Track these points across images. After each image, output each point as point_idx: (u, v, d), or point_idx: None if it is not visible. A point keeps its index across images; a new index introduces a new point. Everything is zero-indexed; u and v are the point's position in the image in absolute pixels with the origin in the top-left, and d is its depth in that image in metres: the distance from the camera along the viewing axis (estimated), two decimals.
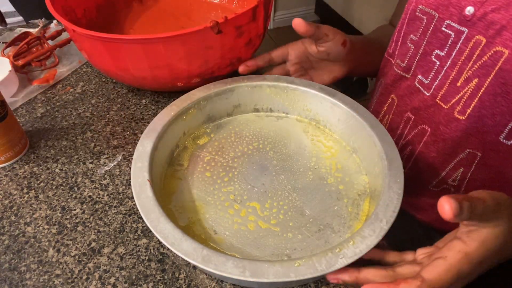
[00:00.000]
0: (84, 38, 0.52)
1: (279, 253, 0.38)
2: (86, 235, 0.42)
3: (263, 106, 0.53)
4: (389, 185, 0.37)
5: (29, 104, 0.60)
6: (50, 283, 0.38)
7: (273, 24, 2.34)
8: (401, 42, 0.50)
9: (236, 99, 0.51)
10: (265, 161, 0.47)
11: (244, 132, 0.51)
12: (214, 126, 0.52)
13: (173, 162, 0.47)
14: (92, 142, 0.53)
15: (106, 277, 0.39)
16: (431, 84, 0.46)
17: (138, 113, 0.58)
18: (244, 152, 0.48)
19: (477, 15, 0.39)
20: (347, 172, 0.45)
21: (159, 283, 0.38)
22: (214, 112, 0.51)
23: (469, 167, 0.47)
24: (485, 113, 0.41)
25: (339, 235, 0.39)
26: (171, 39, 0.48)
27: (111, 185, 0.47)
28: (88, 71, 0.67)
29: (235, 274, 0.31)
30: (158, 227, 0.34)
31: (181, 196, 0.43)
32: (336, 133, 0.50)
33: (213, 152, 0.48)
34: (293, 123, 0.52)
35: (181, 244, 0.33)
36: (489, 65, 0.39)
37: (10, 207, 0.45)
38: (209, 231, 0.40)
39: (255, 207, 0.42)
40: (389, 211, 0.35)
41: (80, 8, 0.66)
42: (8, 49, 0.69)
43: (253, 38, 0.57)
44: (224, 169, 0.46)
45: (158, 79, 0.54)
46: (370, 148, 0.43)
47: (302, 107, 0.51)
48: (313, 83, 0.50)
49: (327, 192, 0.43)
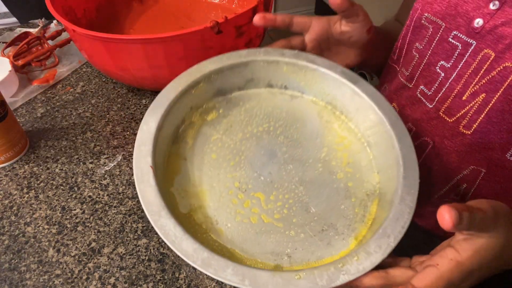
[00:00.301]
0: (84, 38, 0.52)
1: (279, 251, 0.37)
2: (86, 235, 0.42)
3: (278, 82, 0.48)
4: (402, 196, 0.35)
5: (29, 104, 0.60)
6: (50, 283, 0.38)
7: None
8: (406, 50, 0.49)
9: (250, 73, 0.47)
10: (274, 146, 0.44)
11: (255, 110, 0.47)
12: (224, 100, 0.47)
13: (178, 139, 0.44)
14: (92, 142, 0.53)
15: (106, 277, 0.39)
16: (434, 96, 0.45)
17: (138, 113, 0.58)
18: (253, 134, 0.45)
19: (486, 28, 0.37)
20: (358, 168, 0.42)
21: (159, 283, 0.38)
22: (224, 85, 0.47)
23: (473, 183, 0.46)
24: (492, 129, 0.40)
25: (342, 238, 0.38)
26: (171, 39, 0.48)
27: (111, 185, 0.47)
28: (88, 71, 0.67)
29: (234, 282, 0.30)
30: (159, 222, 0.33)
31: (184, 179, 0.41)
32: (352, 122, 0.46)
33: (220, 131, 0.45)
34: (307, 105, 0.48)
35: (182, 244, 0.32)
36: (498, 81, 0.37)
37: (10, 207, 0.45)
38: (210, 220, 0.38)
39: (259, 198, 0.40)
40: (398, 227, 0.33)
41: (80, 8, 0.66)
42: (8, 49, 0.69)
43: (253, 38, 0.57)
44: (231, 151, 0.43)
45: (158, 79, 0.55)
46: (387, 147, 0.40)
47: (319, 89, 0.47)
48: (335, 65, 0.45)
49: (335, 188, 0.41)
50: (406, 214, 0.34)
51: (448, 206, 0.27)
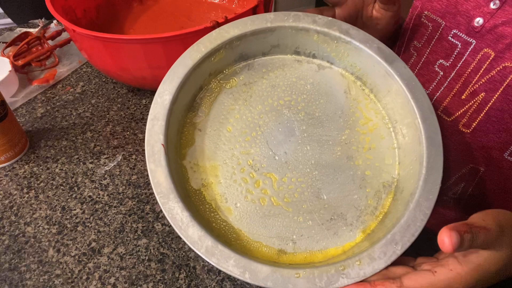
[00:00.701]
0: (84, 38, 0.52)
1: (285, 236, 0.36)
2: (86, 235, 0.42)
3: (306, 50, 0.45)
4: (419, 201, 0.33)
5: (29, 104, 0.60)
6: (50, 283, 0.38)
7: None
8: (404, 48, 0.49)
9: (276, 39, 0.44)
10: (293, 124, 0.41)
11: (278, 81, 0.44)
12: (246, 66, 0.44)
13: (194, 107, 0.42)
14: (92, 142, 0.53)
15: (106, 277, 0.39)
16: (432, 95, 0.45)
17: (138, 113, 0.58)
18: (273, 108, 0.42)
19: (486, 27, 0.37)
20: (379, 156, 0.40)
21: (159, 283, 0.38)
22: (247, 50, 0.44)
23: (471, 182, 0.46)
24: (491, 128, 0.40)
25: (350, 229, 0.37)
26: (171, 39, 0.48)
27: (111, 185, 0.47)
28: (88, 71, 0.67)
29: (235, 274, 0.31)
30: (168, 205, 0.33)
31: (198, 152, 0.39)
32: (381, 103, 0.42)
33: (239, 101, 0.42)
34: (335, 77, 0.44)
35: (188, 230, 0.32)
36: (497, 81, 0.37)
37: (10, 207, 0.45)
38: (220, 198, 0.37)
39: (271, 179, 0.39)
40: (408, 234, 0.32)
41: (80, 8, 0.66)
42: (8, 49, 0.69)
43: None
44: (248, 125, 0.41)
45: (158, 79, 0.54)
46: (413, 141, 0.38)
47: (350, 62, 0.43)
48: (372, 38, 0.41)
49: (351, 176, 0.39)
50: (419, 222, 0.32)
51: (448, 229, 0.26)
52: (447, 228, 0.26)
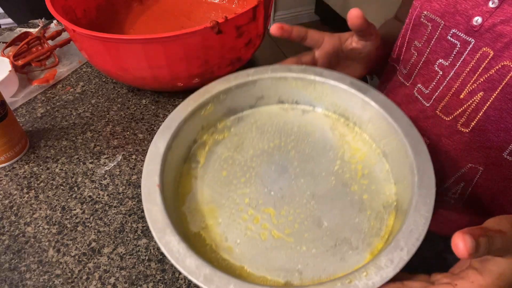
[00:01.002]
0: (84, 38, 0.52)
1: (290, 267, 0.35)
2: (86, 235, 0.42)
3: (289, 98, 0.48)
4: (417, 206, 0.33)
5: (29, 104, 0.60)
6: (50, 283, 0.38)
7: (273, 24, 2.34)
8: (406, 49, 0.49)
9: (260, 91, 0.47)
10: (285, 162, 0.43)
11: (266, 127, 0.47)
12: (235, 119, 0.48)
13: (189, 158, 0.44)
14: (92, 142, 0.53)
15: (106, 277, 0.39)
16: (431, 95, 0.45)
17: (138, 113, 0.58)
18: (264, 150, 0.44)
19: (485, 26, 0.37)
20: (374, 180, 0.41)
21: (159, 283, 0.38)
22: (235, 104, 0.47)
23: (471, 181, 0.46)
24: (490, 128, 0.40)
25: (357, 253, 0.36)
26: (171, 39, 0.48)
27: (111, 185, 0.47)
28: (88, 71, 0.67)
29: None
30: (164, 239, 0.33)
31: (196, 197, 0.41)
32: (366, 133, 0.45)
33: (231, 149, 0.45)
34: (319, 118, 0.47)
35: (185, 260, 0.31)
36: (496, 80, 0.37)
37: (10, 207, 0.45)
38: (220, 238, 0.38)
39: (269, 214, 0.39)
40: (412, 239, 0.31)
41: (80, 8, 0.66)
42: (8, 49, 0.69)
43: (253, 38, 0.57)
44: (241, 168, 0.43)
45: (158, 79, 0.55)
46: (401, 156, 0.39)
47: (330, 101, 0.47)
48: (344, 76, 0.45)
49: (349, 201, 0.39)
50: (421, 225, 0.32)
51: (462, 233, 0.25)
52: (461, 232, 0.25)
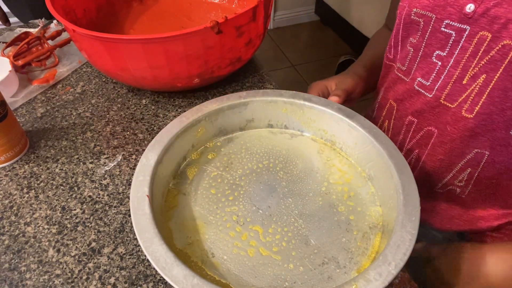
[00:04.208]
0: (84, 38, 0.52)
1: (277, 285, 0.35)
2: (86, 235, 0.42)
3: (278, 122, 0.50)
4: (403, 223, 0.34)
5: (29, 104, 0.60)
6: (50, 283, 0.38)
7: (273, 24, 2.34)
8: (401, 47, 0.50)
9: (250, 114, 0.49)
10: (273, 182, 0.44)
11: (256, 149, 0.48)
12: (225, 140, 0.49)
13: (178, 175, 0.45)
14: (92, 142, 0.53)
15: (106, 277, 0.39)
16: (433, 85, 0.45)
17: (138, 113, 0.58)
18: (253, 170, 0.46)
19: (479, 12, 0.38)
20: (360, 202, 0.42)
21: (159, 283, 0.38)
22: (226, 125, 0.49)
23: (477, 167, 0.47)
24: (494, 109, 0.41)
25: (344, 271, 0.36)
26: (171, 39, 0.48)
27: (111, 185, 0.47)
28: (88, 71, 0.67)
29: None
30: (151, 248, 0.33)
31: (183, 213, 0.41)
32: (352, 157, 0.47)
33: (220, 168, 0.46)
34: (307, 143, 0.49)
35: (172, 270, 0.31)
36: (498, 60, 0.38)
37: (10, 207, 0.45)
38: (206, 253, 0.38)
39: (257, 231, 0.40)
40: (400, 253, 0.32)
41: (80, 8, 0.66)
42: (8, 49, 0.69)
43: (253, 38, 0.57)
44: (230, 187, 0.44)
45: (158, 79, 0.55)
46: (386, 178, 0.41)
47: (318, 126, 0.49)
48: (332, 102, 0.47)
49: (336, 221, 0.40)
50: (407, 241, 0.33)
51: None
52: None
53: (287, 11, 2.33)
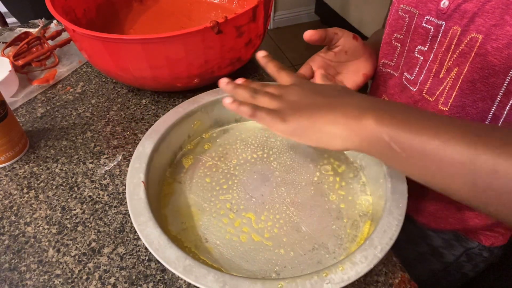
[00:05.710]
0: (84, 38, 0.52)
1: (268, 269, 0.36)
2: (86, 235, 0.42)
3: None
4: (390, 209, 0.35)
5: (29, 104, 0.60)
6: (50, 283, 0.38)
7: (273, 24, 2.34)
8: (389, 42, 0.51)
9: None
10: (267, 171, 0.45)
11: (250, 140, 0.49)
12: (221, 131, 0.50)
13: (174, 164, 0.46)
14: (92, 142, 0.53)
15: (106, 277, 0.39)
16: (416, 80, 0.47)
17: (138, 113, 0.58)
18: (247, 160, 0.47)
19: (452, 7, 0.40)
20: (351, 191, 0.43)
21: (159, 283, 0.38)
22: (221, 117, 0.50)
23: None
24: (467, 101, 0.42)
25: (333, 257, 0.37)
26: (171, 39, 0.48)
27: (111, 185, 0.47)
28: (88, 71, 0.67)
29: None
30: (145, 231, 0.34)
31: (178, 200, 0.42)
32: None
33: (216, 158, 0.47)
34: None
35: (165, 251, 0.32)
36: (466, 52, 0.40)
37: (10, 207, 0.45)
38: (200, 239, 0.39)
39: (250, 218, 0.41)
40: (386, 238, 0.33)
41: (80, 8, 0.66)
42: (8, 49, 0.69)
43: (253, 38, 0.57)
44: (224, 176, 0.45)
45: (158, 79, 0.55)
46: (376, 167, 0.42)
47: None
48: None
49: (327, 209, 0.41)
50: (394, 227, 0.34)
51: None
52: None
53: (287, 11, 2.33)
